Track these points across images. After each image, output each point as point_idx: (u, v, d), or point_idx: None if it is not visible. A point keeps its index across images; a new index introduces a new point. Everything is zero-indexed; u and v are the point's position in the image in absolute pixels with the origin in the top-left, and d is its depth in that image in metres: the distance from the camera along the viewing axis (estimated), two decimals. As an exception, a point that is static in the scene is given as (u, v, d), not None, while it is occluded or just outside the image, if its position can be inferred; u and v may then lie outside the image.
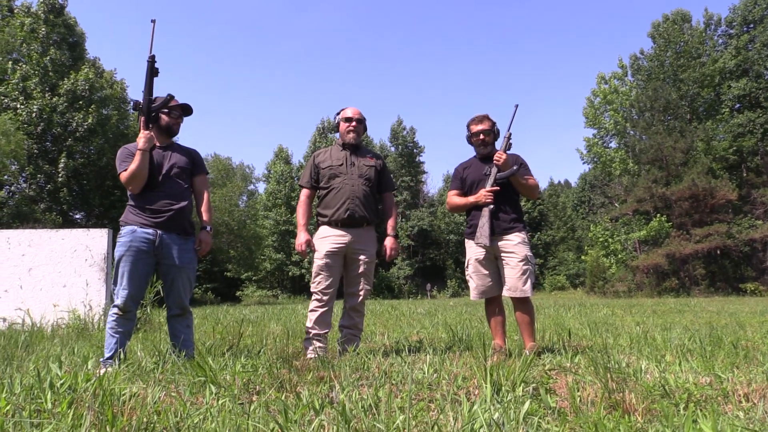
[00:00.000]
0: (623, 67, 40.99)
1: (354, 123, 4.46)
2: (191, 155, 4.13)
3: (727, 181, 32.77)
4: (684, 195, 32.12)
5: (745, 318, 8.87)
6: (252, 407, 2.15)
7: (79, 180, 27.17)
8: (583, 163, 43.72)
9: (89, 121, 26.00)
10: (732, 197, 31.87)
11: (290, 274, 45.42)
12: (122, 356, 3.63)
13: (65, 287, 7.20)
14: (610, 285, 34.69)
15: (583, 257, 41.99)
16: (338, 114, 4.57)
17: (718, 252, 32.65)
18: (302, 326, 7.14)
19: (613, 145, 41.08)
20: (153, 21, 3.79)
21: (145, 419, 1.99)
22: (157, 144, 3.96)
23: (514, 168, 4.20)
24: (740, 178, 36.12)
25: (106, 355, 3.67)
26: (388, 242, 4.52)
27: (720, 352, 3.94)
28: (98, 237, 7.41)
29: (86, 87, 26.42)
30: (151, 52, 3.75)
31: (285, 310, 14.88)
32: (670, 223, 32.72)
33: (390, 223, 4.62)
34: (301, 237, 4.33)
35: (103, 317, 6.89)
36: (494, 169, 4.23)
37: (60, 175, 25.86)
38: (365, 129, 4.65)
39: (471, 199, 4.30)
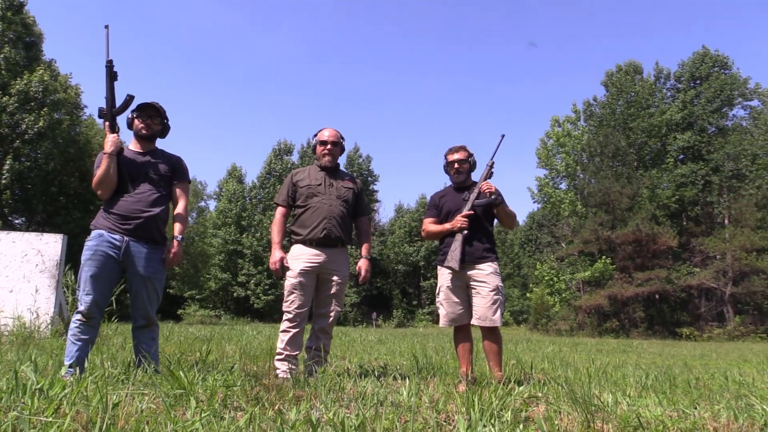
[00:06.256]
0: (577, 112, 42.36)
1: (329, 146, 4.44)
2: (172, 162, 4.01)
3: (668, 229, 34.10)
4: (628, 239, 33.22)
5: (686, 360, 9.16)
6: (242, 422, 2.09)
7: (24, 184, 26.16)
8: (533, 202, 44.78)
9: (40, 123, 25.21)
10: (673, 244, 33.13)
11: (235, 294, 44.22)
12: (84, 365, 3.48)
13: (12, 292, 6.86)
14: (553, 323, 35.31)
15: (528, 294, 42.63)
16: (315, 135, 4.55)
17: (657, 296, 33.73)
18: (256, 348, 6.99)
19: (563, 186, 42.21)
20: (106, 27, 3.75)
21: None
22: (135, 149, 3.88)
23: (492, 197, 4.28)
24: (681, 226, 37.70)
25: (66, 363, 3.51)
26: (363, 264, 4.50)
27: (677, 390, 4.06)
28: (52, 242, 7.12)
29: (39, 89, 25.63)
30: (108, 57, 3.70)
31: (233, 330, 14.53)
32: (613, 266, 33.73)
33: (365, 246, 4.62)
34: (276, 255, 4.27)
35: (50, 326, 6.60)
36: (473, 195, 4.29)
37: (4, 177, 24.85)
38: (342, 150, 4.59)
39: (447, 225, 4.34)
